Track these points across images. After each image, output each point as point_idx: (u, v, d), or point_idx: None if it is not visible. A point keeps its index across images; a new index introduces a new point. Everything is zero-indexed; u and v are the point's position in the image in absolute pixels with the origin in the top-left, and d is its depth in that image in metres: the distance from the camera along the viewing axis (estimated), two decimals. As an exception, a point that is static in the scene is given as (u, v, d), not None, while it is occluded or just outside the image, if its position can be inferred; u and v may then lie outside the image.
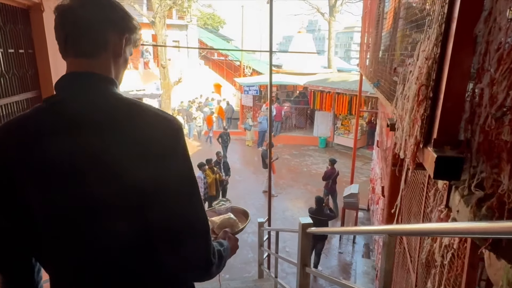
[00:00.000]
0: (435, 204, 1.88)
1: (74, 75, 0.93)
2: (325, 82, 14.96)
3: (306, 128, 16.80)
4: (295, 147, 15.20)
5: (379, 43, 3.79)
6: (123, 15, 0.98)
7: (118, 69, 1.00)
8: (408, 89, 1.64)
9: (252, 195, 10.44)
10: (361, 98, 9.60)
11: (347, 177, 11.29)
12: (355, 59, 61.22)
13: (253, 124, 15.74)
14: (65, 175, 0.86)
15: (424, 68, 1.34)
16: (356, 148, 9.70)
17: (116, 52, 0.97)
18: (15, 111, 3.59)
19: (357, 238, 8.01)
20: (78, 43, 0.92)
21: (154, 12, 18.95)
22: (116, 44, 0.96)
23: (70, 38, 0.92)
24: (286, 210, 9.57)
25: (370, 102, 13.14)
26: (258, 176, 11.87)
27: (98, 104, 0.90)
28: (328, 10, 20.92)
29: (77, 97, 0.90)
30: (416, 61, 1.55)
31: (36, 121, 0.91)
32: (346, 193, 7.81)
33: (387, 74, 2.80)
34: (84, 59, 0.93)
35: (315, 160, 13.71)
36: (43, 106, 0.92)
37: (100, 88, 0.92)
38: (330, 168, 9.01)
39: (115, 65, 0.98)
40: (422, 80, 1.35)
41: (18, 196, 0.90)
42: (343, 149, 14.56)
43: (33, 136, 0.88)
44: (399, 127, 1.79)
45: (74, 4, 0.91)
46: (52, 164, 0.86)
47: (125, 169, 0.84)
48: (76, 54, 0.93)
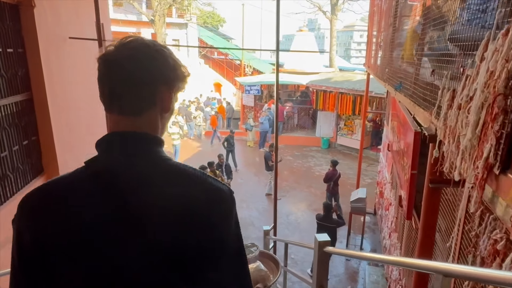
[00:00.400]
0: (485, 230, 1.60)
1: (119, 136, 0.84)
2: (328, 81, 14.68)
3: (308, 129, 16.52)
4: (297, 148, 14.92)
5: (397, 41, 3.50)
6: (174, 64, 0.88)
7: (165, 124, 0.92)
8: (465, 97, 1.35)
9: (255, 198, 10.17)
10: (367, 99, 9.31)
11: (351, 179, 11.04)
12: (355, 58, 61.07)
13: (255, 124, 15.49)
14: (102, 248, 0.77)
15: (503, 73, 1.05)
16: (362, 150, 9.40)
17: (165, 107, 0.89)
18: (3, 115, 3.32)
19: (364, 244, 7.74)
20: (124, 99, 0.83)
21: (154, 10, 18.67)
22: (165, 99, 0.88)
23: (116, 94, 0.83)
24: (290, 214, 9.30)
25: (374, 102, 12.87)
26: (260, 178, 11.60)
27: (146, 173, 0.81)
28: (330, 8, 20.69)
29: (122, 164, 0.81)
30: (479, 63, 1.26)
31: (75, 188, 0.81)
32: (353, 197, 7.54)
33: (413, 75, 2.51)
34: (130, 117, 0.84)
35: (318, 162, 13.44)
36: (84, 172, 0.83)
37: (147, 154, 0.83)
38: (331, 169, 8.75)
39: (162, 120, 0.90)
40: (498, 88, 1.06)
41: (47, 266, 0.79)
42: (346, 150, 14.30)
43: (70, 205, 0.79)
44: (448, 141, 1.50)
45: (121, 55, 0.82)
46: (89, 235, 0.77)
47: (174, 243, 0.78)
48: (121, 111, 0.84)
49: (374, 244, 7.91)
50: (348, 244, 7.76)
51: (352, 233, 8.04)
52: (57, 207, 0.79)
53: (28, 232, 0.79)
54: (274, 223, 5.78)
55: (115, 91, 0.83)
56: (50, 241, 0.78)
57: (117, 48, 0.83)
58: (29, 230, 0.79)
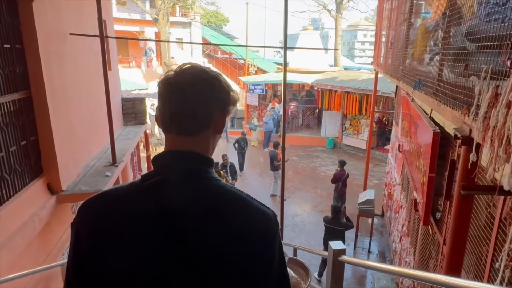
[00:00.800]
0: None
1: (177, 154, 0.90)
2: (334, 80, 14.48)
3: (313, 128, 16.32)
4: (302, 148, 14.74)
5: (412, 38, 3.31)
6: (228, 90, 0.94)
7: (215, 144, 0.98)
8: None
9: (259, 199, 9.73)
10: (375, 98, 9.11)
11: (358, 180, 10.85)
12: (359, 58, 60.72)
13: (259, 124, 15.33)
14: (149, 271, 0.81)
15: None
16: (369, 151, 9.20)
17: (217, 129, 0.95)
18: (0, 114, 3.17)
19: (372, 247, 7.55)
20: (184, 121, 0.89)
21: (157, 9, 18.52)
22: (218, 121, 0.94)
23: (176, 117, 0.89)
24: (296, 216, 9.12)
25: (381, 101, 12.66)
26: (265, 178, 11.44)
27: (199, 193, 0.86)
28: (335, 7, 20.51)
29: (178, 182, 0.85)
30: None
31: (129, 203, 0.86)
32: (361, 199, 7.34)
33: (437, 72, 2.32)
34: (186, 137, 0.90)
35: (323, 162, 13.25)
36: (139, 186, 0.87)
37: (199, 173, 0.89)
38: (339, 169, 8.59)
39: (213, 140, 0.96)
40: None
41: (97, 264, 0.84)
42: (351, 150, 14.10)
43: (121, 221, 0.84)
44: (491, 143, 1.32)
45: (183, 81, 0.89)
46: (136, 256, 0.82)
47: (221, 268, 0.81)
48: (180, 132, 0.90)
49: (382, 247, 7.72)
50: (356, 247, 7.58)
51: (360, 236, 7.86)
52: (110, 212, 0.85)
53: (83, 232, 0.86)
54: (280, 226, 5.60)
55: (177, 114, 0.89)
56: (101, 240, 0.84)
57: (177, 73, 0.90)
58: (84, 230, 0.86)
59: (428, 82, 2.57)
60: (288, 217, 8.83)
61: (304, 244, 7.51)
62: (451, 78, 1.97)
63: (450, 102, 1.92)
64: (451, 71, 1.95)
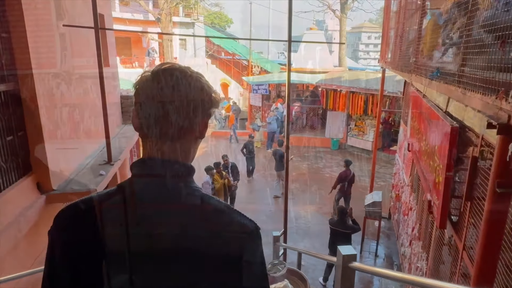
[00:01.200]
0: None
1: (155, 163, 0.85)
2: (339, 80, 14.22)
3: (317, 129, 16.05)
4: (306, 148, 14.48)
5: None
6: (210, 91, 0.89)
7: (196, 150, 0.93)
8: None
9: (262, 200, 9.78)
10: (382, 97, 8.85)
11: (363, 181, 10.59)
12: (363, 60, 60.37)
13: (262, 124, 15.11)
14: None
15: None
16: (376, 152, 8.94)
17: (200, 134, 0.90)
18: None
19: (379, 251, 7.27)
20: (164, 127, 0.84)
21: (160, 9, 18.39)
22: (201, 125, 0.89)
23: (155, 121, 0.83)
24: (299, 218, 8.87)
25: (387, 101, 12.39)
26: (268, 180, 11.21)
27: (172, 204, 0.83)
28: (339, 7, 20.32)
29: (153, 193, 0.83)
30: None
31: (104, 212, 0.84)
32: (368, 201, 7.08)
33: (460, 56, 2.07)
34: (166, 143, 0.85)
35: (327, 163, 12.98)
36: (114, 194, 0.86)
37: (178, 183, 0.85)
38: (345, 169, 8.35)
39: (194, 146, 0.92)
40: None
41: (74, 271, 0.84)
42: (357, 151, 13.82)
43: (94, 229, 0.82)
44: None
45: (163, 83, 0.83)
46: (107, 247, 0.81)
47: (190, 280, 0.80)
48: (158, 137, 0.85)
49: (390, 250, 7.45)
50: (362, 250, 7.31)
51: (366, 239, 7.59)
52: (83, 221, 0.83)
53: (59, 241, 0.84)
54: (284, 228, 5.36)
55: (156, 119, 0.83)
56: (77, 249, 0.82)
57: (155, 73, 0.84)
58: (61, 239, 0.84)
59: (448, 70, 2.32)
60: (291, 219, 8.58)
61: (308, 248, 7.25)
62: (479, 60, 1.72)
63: (480, 88, 1.67)
64: (481, 51, 1.70)
